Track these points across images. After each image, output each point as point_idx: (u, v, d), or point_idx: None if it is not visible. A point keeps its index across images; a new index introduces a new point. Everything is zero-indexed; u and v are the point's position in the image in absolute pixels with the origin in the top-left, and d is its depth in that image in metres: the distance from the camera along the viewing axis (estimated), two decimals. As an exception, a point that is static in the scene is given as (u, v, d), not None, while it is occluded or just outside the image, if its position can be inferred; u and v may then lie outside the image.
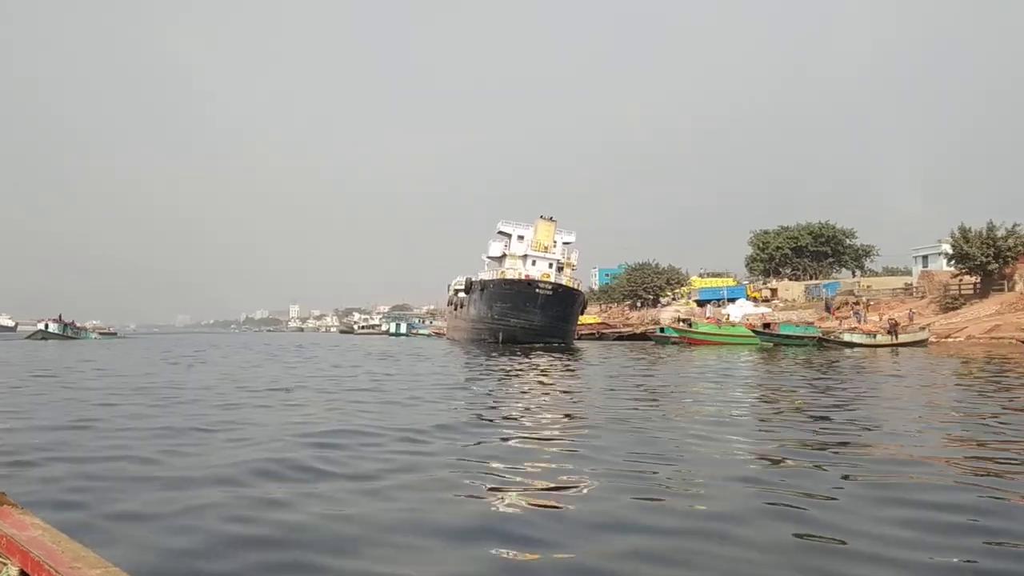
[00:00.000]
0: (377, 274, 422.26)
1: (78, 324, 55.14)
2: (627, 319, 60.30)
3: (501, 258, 47.14)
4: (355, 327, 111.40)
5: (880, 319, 38.67)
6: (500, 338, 40.13)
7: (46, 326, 50.25)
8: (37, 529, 1.70)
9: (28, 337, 51.27)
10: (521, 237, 45.86)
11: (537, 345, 36.41)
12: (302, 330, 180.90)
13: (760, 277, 69.10)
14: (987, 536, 4.05)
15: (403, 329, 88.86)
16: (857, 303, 43.71)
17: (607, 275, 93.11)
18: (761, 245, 69.07)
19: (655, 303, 70.37)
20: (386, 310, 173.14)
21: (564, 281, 42.62)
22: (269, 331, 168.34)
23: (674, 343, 36.58)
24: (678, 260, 73.30)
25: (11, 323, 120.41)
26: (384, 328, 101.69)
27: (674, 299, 70.88)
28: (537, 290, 39.78)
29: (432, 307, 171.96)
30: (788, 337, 33.90)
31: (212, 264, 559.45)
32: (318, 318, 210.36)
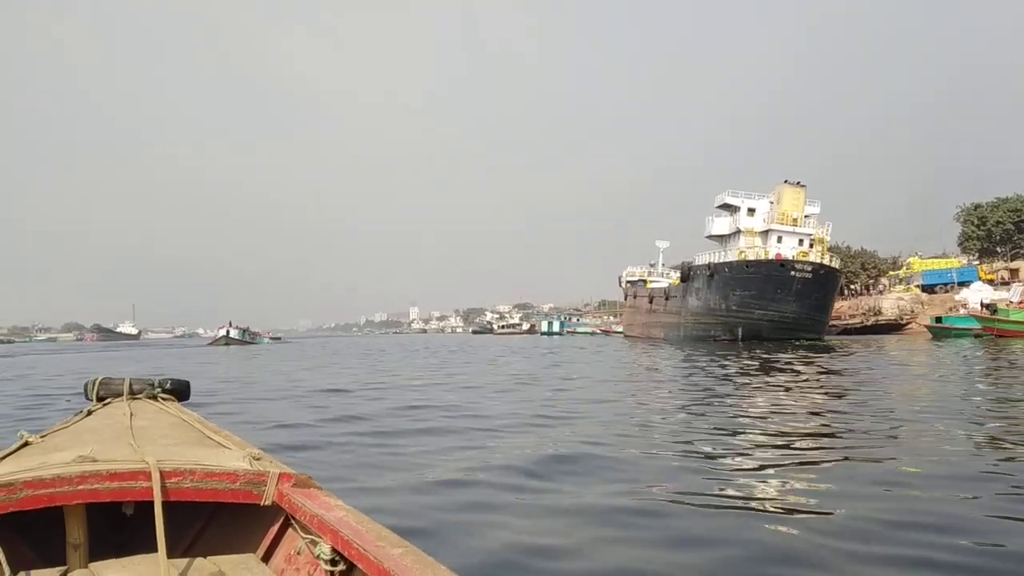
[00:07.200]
0: (487, 276, 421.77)
1: (253, 329, 54.73)
2: (836, 308, 53.11)
3: (730, 236, 40.02)
4: (494, 327, 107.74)
5: None
6: (739, 335, 34.02)
7: (227, 332, 49.76)
8: (341, 510, 1.73)
9: (211, 343, 50.78)
10: (752, 210, 38.72)
11: (784, 342, 29.82)
12: (425, 331, 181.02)
13: (976, 256, 60.48)
14: None
15: (556, 328, 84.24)
16: None
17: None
18: (977, 221, 60.40)
19: (846, 289, 62.94)
20: (507, 309, 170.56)
21: (822, 261, 35.13)
22: (395, 333, 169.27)
23: (976, 335, 29.88)
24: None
25: (134, 331, 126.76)
26: (524, 327, 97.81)
27: (870, 285, 63.49)
28: (793, 272, 33.01)
29: (552, 305, 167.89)
30: None
31: (330, 267, 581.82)
32: (440, 319, 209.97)
